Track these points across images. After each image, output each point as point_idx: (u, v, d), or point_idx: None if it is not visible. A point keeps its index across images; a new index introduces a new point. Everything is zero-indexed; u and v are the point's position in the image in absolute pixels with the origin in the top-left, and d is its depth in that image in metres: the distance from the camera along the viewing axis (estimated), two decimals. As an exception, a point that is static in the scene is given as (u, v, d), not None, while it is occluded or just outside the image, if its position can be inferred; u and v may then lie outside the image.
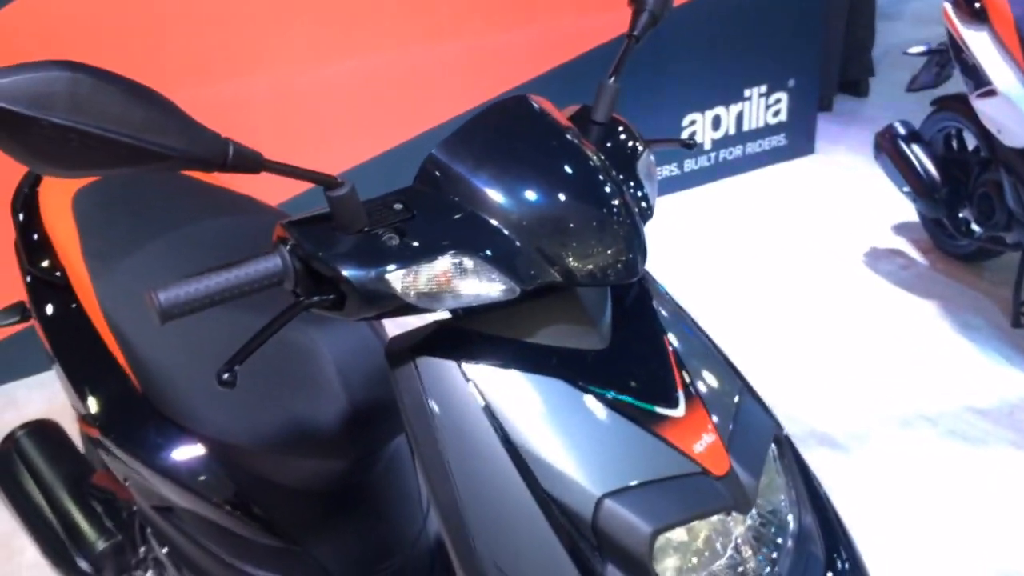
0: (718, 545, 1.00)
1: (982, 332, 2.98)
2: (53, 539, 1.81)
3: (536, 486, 0.96)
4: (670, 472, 0.98)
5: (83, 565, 1.78)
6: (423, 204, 0.98)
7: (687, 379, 1.05)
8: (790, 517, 1.06)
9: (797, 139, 4.47)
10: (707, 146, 4.20)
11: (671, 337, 1.09)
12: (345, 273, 0.90)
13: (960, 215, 3.27)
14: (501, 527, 0.98)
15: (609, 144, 1.19)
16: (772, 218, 3.89)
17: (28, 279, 1.75)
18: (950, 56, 3.04)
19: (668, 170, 4.12)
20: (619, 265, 1.00)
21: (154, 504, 1.58)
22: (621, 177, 1.12)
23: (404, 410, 1.03)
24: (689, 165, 4.18)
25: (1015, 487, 2.32)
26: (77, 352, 1.60)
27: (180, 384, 1.49)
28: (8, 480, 1.89)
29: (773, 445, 1.08)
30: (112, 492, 1.80)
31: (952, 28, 2.90)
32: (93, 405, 1.54)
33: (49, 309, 1.67)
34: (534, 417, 0.98)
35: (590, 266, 0.98)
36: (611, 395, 1.00)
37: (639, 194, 1.16)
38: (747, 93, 4.22)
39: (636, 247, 1.02)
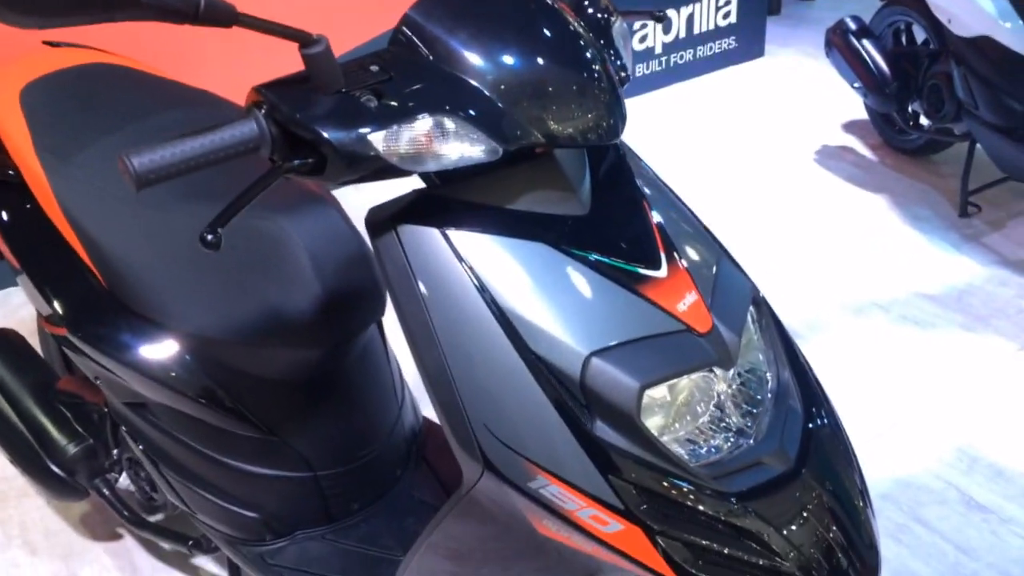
0: (700, 404, 1.03)
1: (931, 223, 3.06)
2: (23, 447, 1.79)
3: (524, 348, 0.97)
4: (655, 330, 1.00)
5: (56, 471, 1.77)
6: (400, 66, 0.96)
7: (668, 242, 1.06)
8: (769, 374, 1.09)
9: (747, 42, 4.46)
10: (658, 50, 4.17)
11: (651, 203, 1.10)
12: (326, 135, 0.88)
13: (910, 109, 3.31)
14: (490, 390, 0.99)
15: (582, 11, 1.17)
16: (724, 121, 3.90)
17: (-22, 185, 1.69)
18: (900, -51, 3.04)
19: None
20: (600, 128, 1.00)
21: (126, 401, 1.57)
22: (602, 42, 1.11)
23: (387, 278, 1.02)
24: (641, 70, 4.15)
25: (966, 365, 2.41)
26: (37, 250, 1.56)
27: (147, 278, 1.46)
28: (-29, 391, 1.85)
29: (751, 306, 1.10)
30: (80, 396, 1.78)
31: (904, -82, 2.90)
32: (58, 303, 1.52)
33: (4, 209, 1.62)
34: (519, 280, 0.98)
35: (571, 128, 0.98)
36: (594, 257, 1.01)
37: (618, 63, 1.15)
38: (697, -6, 4.18)
39: (616, 111, 1.02)
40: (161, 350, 1.46)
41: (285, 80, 0.93)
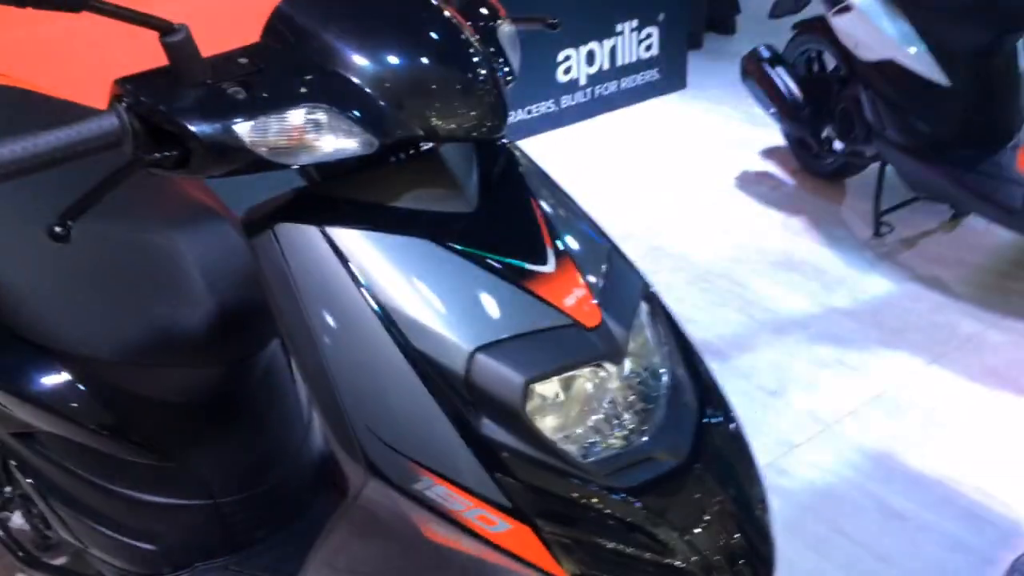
0: (593, 402, 1.01)
1: (846, 242, 3.12)
2: (-93, 491, 1.70)
3: (407, 345, 0.94)
4: (542, 325, 0.98)
5: (-55, 512, 1.68)
6: (272, 59, 0.94)
7: (556, 239, 1.05)
8: (663, 370, 1.08)
9: (669, 74, 4.54)
10: (583, 82, 4.22)
11: (539, 201, 1.09)
12: (188, 126, 0.85)
13: (824, 133, 3.39)
14: (372, 390, 0.96)
15: (469, 12, 1.17)
16: (648, 149, 3.95)
17: None
18: (809, -21, 3.14)
19: (545, 107, 4.12)
20: (481, 124, 0.99)
21: (13, 432, 1.49)
22: (490, 50, 1.11)
23: (264, 280, 0.99)
24: (566, 102, 4.19)
25: (882, 378, 2.45)
26: None
27: (33, 301, 1.40)
28: None
29: (644, 303, 1.09)
30: (-30, 433, 1.69)
31: (808, -52, 2.99)
32: (-62, 330, 1.44)
33: None
34: (401, 277, 0.96)
35: (450, 124, 0.97)
36: (479, 253, 0.99)
37: (501, 61, 1.14)
38: (619, 28, 4.25)
39: (497, 108, 1.01)
40: (48, 375, 1.39)
41: (149, 73, 0.90)
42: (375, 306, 0.95)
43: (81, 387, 1.39)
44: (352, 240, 0.96)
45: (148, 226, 1.37)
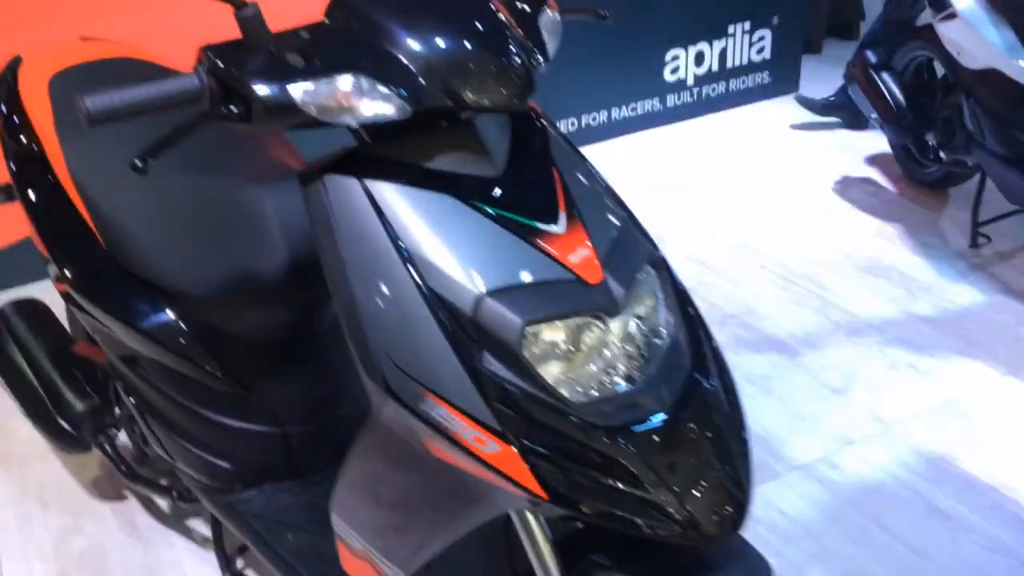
0: (594, 354, 1.12)
1: (940, 251, 3.08)
2: (37, 403, 1.97)
3: (424, 285, 1.09)
4: (546, 277, 1.10)
5: (64, 425, 1.95)
6: (329, 34, 1.10)
7: (570, 203, 1.17)
8: (663, 331, 1.18)
9: (781, 77, 4.54)
10: (690, 82, 4.28)
11: (562, 170, 1.21)
12: (251, 85, 1.02)
13: (927, 142, 3.34)
14: (392, 321, 1.11)
15: None
16: (750, 151, 3.98)
17: (10, 161, 1.88)
18: (923, -14, 3.11)
19: (650, 104, 4.20)
20: (508, 102, 1.12)
21: (119, 355, 1.73)
22: (527, 39, 1.23)
23: (311, 222, 1.16)
24: (672, 100, 4.26)
25: (952, 384, 2.44)
26: (51, 217, 1.74)
27: (141, 240, 1.63)
28: (-4, 350, 2.05)
29: (652, 267, 1.20)
30: (91, 359, 1.95)
31: (917, -47, 2.97)
32: (64, 263, 1.69)
33: (27, 182, 1.81)
34: (425, 226, 1.10)
35: (480, 98, 1.10)
36: (496, 211, 1.12)
37: (537, 48, 1.27)
38: (731, 30, 4.29)
39: (524, 89, 1.13)
40: (150, 306, 1.61)
41: (227, 43, 1.08)
42: (400, 250, 1.10)
43: (176, 319, 1.61)
44: (386, 192, 1.11)
45: (240, 183, 1.57)
